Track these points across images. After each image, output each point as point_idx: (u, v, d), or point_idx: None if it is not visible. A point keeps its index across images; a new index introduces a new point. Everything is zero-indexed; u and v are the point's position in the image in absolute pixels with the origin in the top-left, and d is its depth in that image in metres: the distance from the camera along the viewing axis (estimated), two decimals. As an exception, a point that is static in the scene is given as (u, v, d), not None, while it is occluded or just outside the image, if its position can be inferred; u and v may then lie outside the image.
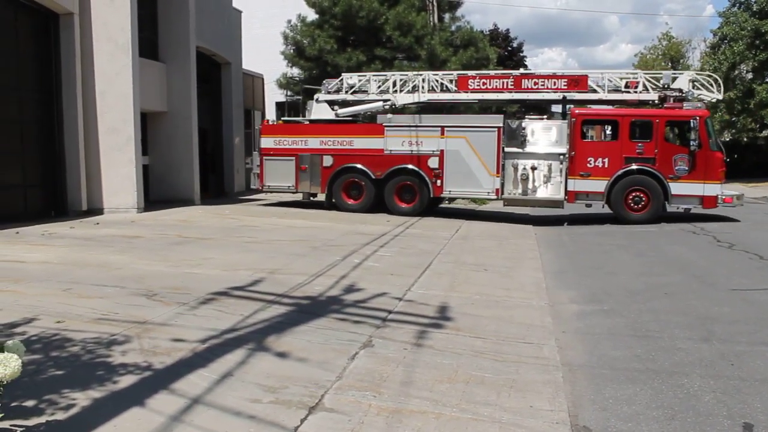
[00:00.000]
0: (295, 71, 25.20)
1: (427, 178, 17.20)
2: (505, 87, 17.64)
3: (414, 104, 18.68)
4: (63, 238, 11.58)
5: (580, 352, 5.89)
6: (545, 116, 17.61)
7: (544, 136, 16.71)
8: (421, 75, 18.32)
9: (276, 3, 31.19)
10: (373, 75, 18.92)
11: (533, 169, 16.62)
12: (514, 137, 16.76)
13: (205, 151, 21.88)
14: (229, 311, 6.52)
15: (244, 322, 6.14)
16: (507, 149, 16.76)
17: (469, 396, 4.60)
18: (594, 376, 5.24)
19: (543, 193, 16.67)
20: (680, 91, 16.43)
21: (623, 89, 17.09)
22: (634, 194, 16.01)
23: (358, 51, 23.81)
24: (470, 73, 18.71)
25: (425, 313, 6.81)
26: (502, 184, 16.80)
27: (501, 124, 16.86)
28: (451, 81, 18.01)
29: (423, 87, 17.99)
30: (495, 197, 17.24)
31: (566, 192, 16.41)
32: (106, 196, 15.82)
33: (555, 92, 17.30)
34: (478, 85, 17.81)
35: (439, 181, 17.18)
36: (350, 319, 6.38)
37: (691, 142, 15.44)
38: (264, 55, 27.63)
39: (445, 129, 17.17)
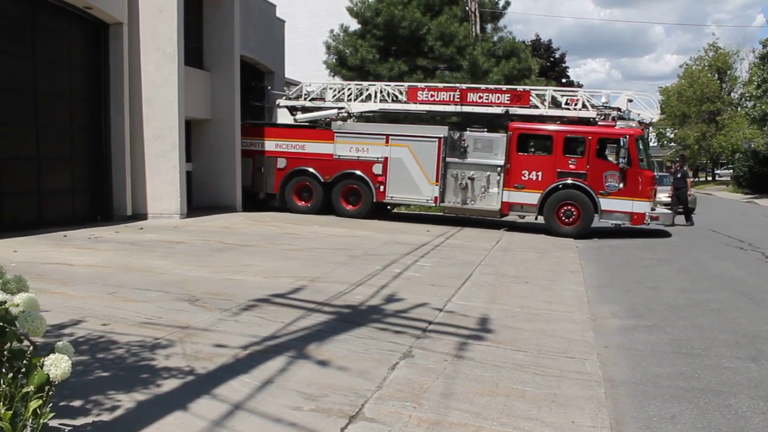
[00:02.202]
0: (337, 80, 25.35)
1: (371, 184, 17.98)
2: (451, 100, 18.22)
3: (371, 113, 19.40)
4: (108, 242, 11.81)
5: (622, 368, 5.78)
6: (485, 129, 18.22)
7: (484, 148, 17.30)
8: (374, 85, 19.10)
9: (319, 13, 31.51)
10: (330, 83, 19.75)
11: (471, 179, 17.24)
12: (455, 148, 17.50)
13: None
14: (270, 318, 6.57)
15: (285, 329, 6.17)
16: (448, 159, 17.40)
17: (509, 409, 4.55)
18: (637, 393, 5.14)
19: (480, 202, 17.28)
20: (618, 109, 16.84)
21: (563, 106, 17.46)
22: (565, 208, 16.38)
23: (399, 61, 23.90)
24: (419, 84, 19.47)
25: (466, 324, 6.76)
26: (442, 193, 17.44)
27: (442, 135, 17.46)
28: (401, 92, 18.67)
29: (375, 97, 18.76)
30: (434, 204, 17.91)
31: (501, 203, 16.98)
32: (150, 201, 16.10)
33: (498, 106, 17.76)
34: (426, 97, 18.47)
35: (382, 187, 17.97)
36: (390, 329, 6.37)
37: (620, 160, 15.72)
38: (306, 64, 27.90)
39: (390, 137, 17.88)
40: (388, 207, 19.51)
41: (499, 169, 17.00)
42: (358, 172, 18.05)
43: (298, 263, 10.11)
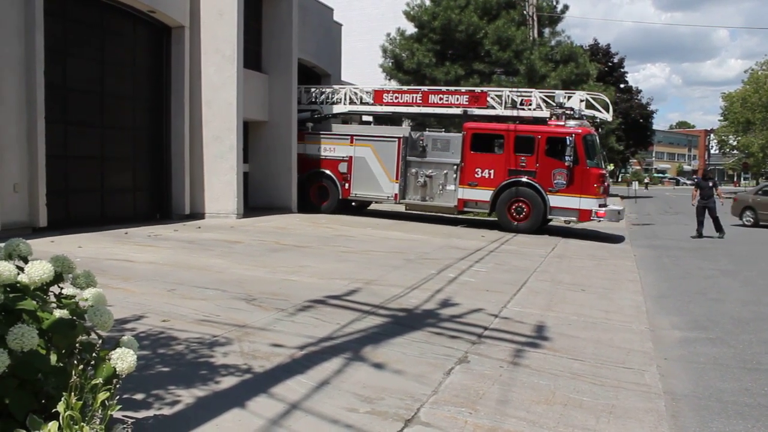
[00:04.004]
0: (393, 84, 25.41)
1: (337, 181, 19.05)
2: (414, 101, 19.12)
3: (344, 114, 20.18)
4: (167, 240, 12.06)
5: (683, 381, 5.61)
6: (443, 129, 19.19)
7: (443, 147, 18.01)
8: (344, 88, 20.11)
9: (375, 17, 31.64)
10: (305, 87, 20.20)
11: (430, 177, 18.02)
12: (415, 147, 18.23)
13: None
14: (326, 319, 6.59)
15: (340, 331, 6.19)
16: (409, 158, 18.29)
17: (566, 419, 4.45)
18: (699, 408, 4.97)
19: (438, 199, 18.03)
20: (571, 109, 17.25)
21: (519, 106, 18.05)
22: (516, 204, 16.94)
23: (456, 65, 23.81)
24: (385, 87, 20.30)
25: (521, 331, 6.67)
26: (402, 190, 18.34)
27: (402, 135, 18.40)
28: (368, 94, 19.58)
29: (345, 99, 19.72)
30: (394, 201, 18.68)
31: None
32: (208, 201, 16.41)
33: (457, 107, 18.55)
34: (391, 99, 19.31)
35: (347, 185, 19.00)
36: (446, 334, 6.32)
37: (566, 158, 16.08)
38: (363, 67, 28.03)
39: (354, 137, 18.95)
40: (353, 204, 20.27)
41: (455, 167, 17.72)
42: (327, 171, 19.13)
43: (353, 265, 10.14)
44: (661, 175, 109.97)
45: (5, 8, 11.60)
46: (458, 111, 18.61)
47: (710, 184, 17.75)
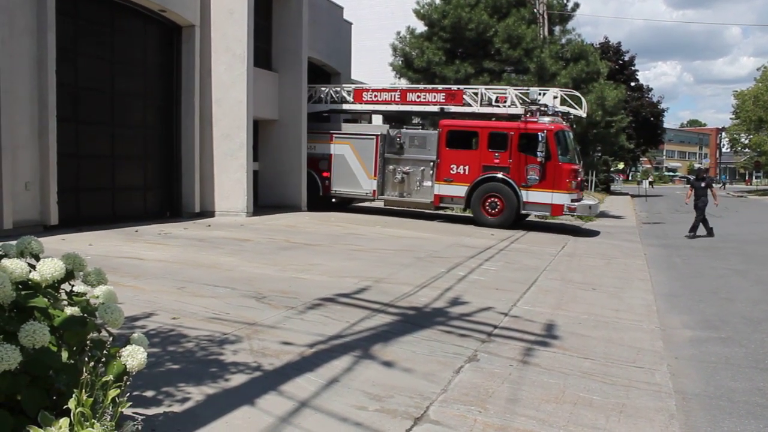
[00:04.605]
0: (403, 82, 25.38)
1: (317, 178, 19.46)
2: (393, 99, 19.43)
3: (325, 112, 20.44)
4: (177, 239, 12.11)
5: (694, 380, 5.57)
6: (420, 126, 19.62)
7: (420, 144, 18.41)
8: (326, 87, 20.44)
9: (385, 15, 31.62)
10: None
11: (407, 173, 18.41)
12: (393, 144, 18.61)
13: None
14: (336, 318, 6.60)
15: (350, 329, 6.19)
16: (387, 155, 18.70)
17: (576, 418, 4.44)
18: (710, 407, 4.94)
19: (416, 195, 18.44)
20: (545, 106, 17.47)
21: (494, 103, 18.32)
22: (490, 200, 17.35)
23: (466, 63, 23.75)
24: (365, 86, 20.57)
25: (531, 330, 6.65)
26: (380, 186, 18.79)
27: (380, 132, 18.83)
28: (348, 93, 19.95)
29: (327, 97, 20.12)
30: (372, 198, 19.12)
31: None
32: (218, 199, 16.45)
33: (435, 105, 18.86)
34: (370, 98, 19.68)
35: (327, 181, 19.51)
36: (455, 332, 6.31)
37: (538, 154, 16.42)
38: (373, 66, 28.02)
39: (333, 135, 19.42)
40: (333, 200, 20.52)
41: (432, 163, 18.10)
42: (308, 169, 19.39)
43: (363, 263, 10.15)
44: (671, 173, 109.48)
45: (18, 8, 11.67)
46: (435, 108, 18.92)
47: (702, 184, 17.54)
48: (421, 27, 25.50)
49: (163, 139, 16.01)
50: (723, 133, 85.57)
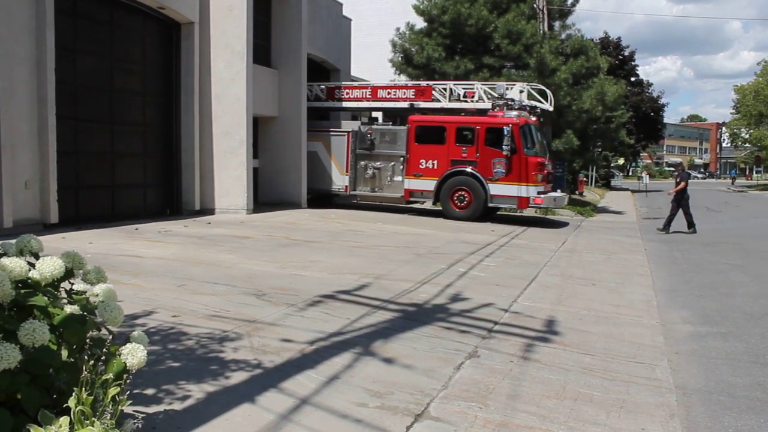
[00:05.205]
0: (403, 78, 25.36)
1: None
2: (364, 96, 20.06)
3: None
4: (177, 236, 12.11)
5: (695, 375, 5.57)
6: (390, 122, 19.97)
7: (390, 140, 18.82)
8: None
9: (385, 11, 31.56)
10: None
11: (378, 169, 18.89)
12: (364, 141, 19.03)
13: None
14: (336, 314, 6.60)
15: (350, 326, 6.19)
16: (358, 151, 19.18)
17: (577, 414, 4.44)
18: (711, 402, 4.93)
19: (387, 190, 18.87)
20: (512, 100, 17.92)
21: (462, 99, 18.76)
22: (458, 193, 17.69)
23: (465, 59, 23.68)
24: (337, 84, 21.10)
25: (532, 325, 6.65)
26: (352, 182, 19.26)
27: (351, 129, 19.27)
28: (322, 91, 20.50)
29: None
30: (345, 193, 19.51)
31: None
32: (218, 197, 16.45)
33: (405, 101, 19.37)
34: (343, 95, 20.23)
35: None
36: (456, 329, 6.31)
37: (504, 147, 16.79)
38: (372, 62, 27.98)
39: (306, 132, 19.44)
40: (308, 196, 20.57)
41: (402, 159, 18.53)
42: None
43: (363, 260, 10.15)
44: (672, 169, 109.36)
45: (17, 7, 11.66)
46: (405, 105, 19.36)
47: (679, 179, 17.47)
48: (420, 23, 25.42)
49: (163, 137, 16.00)
50: (723, 128, 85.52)
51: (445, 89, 19.02)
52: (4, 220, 11.43)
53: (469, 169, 17.46)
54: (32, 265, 3.22)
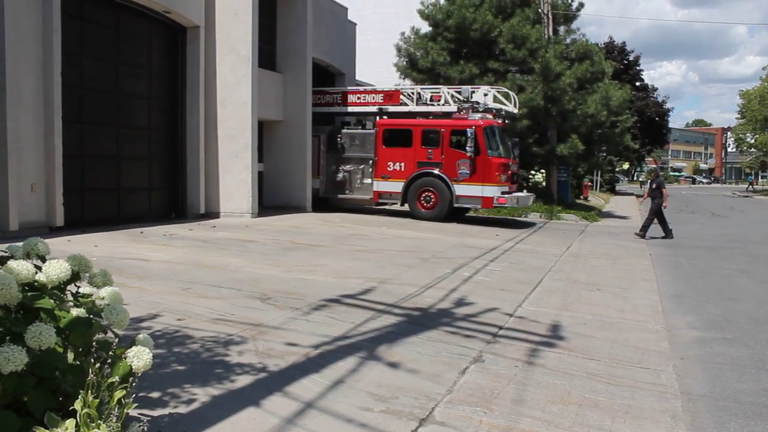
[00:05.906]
0: (408, 83, 25.39)
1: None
2: (335, 101, 20.52)
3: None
4: (182, 240, 12.12)
5: (700, 381, 5.55)
6: (360, 126, 20.26)
7: (360, 143, 19.36)
8: None
9: (390, 16, 31.61)
10: None
11: (348, 172, 19.42)
12: (334, 144, 19.56)
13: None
14: (341, 318, 6.60)
15: (355, 330, 6.19)
16: (329, 155, 19.71)
17: (582, 419, 4.43)
18: (717, 408, 4.91)
19: (357, 192, 19.44)
20: (477, 103, 18.28)
21: (429, 102, 19.09)
22: (425, 194, 18.26)
23: (470, 63, 23.70)
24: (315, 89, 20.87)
25: (536, 330, 6.64)
26: (323, 185, 19.81)
27: (321, 133, 19.70)
28: None
29: None
30: (317, 195, 19.71)
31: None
32: (223, 200, 16.47)
33: (374, 105, 19.78)
34: (317, 101, 20.29)
35: None
36: (460, 333, 6.31)
37: (467, 149, 17.23)
38: (377, 66, 28.03)
39: None
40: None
41: (371, 161, 19.06)
42: None
43: (368, 264, 10.15)
44: (677, 173, 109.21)
45: (23, 11, 11.70)
46: (374, 109, 19.73)
47: (654, 185, 17.38)
48: (425, 27, 25.46)
49: (168, 140, 16.04)
50: (728, 133, 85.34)
51: (412, 93, 19.45)
52: (10, 223, 11.45)
53: (435, 171, 17.98)
54: (39, 268, 3.23)
